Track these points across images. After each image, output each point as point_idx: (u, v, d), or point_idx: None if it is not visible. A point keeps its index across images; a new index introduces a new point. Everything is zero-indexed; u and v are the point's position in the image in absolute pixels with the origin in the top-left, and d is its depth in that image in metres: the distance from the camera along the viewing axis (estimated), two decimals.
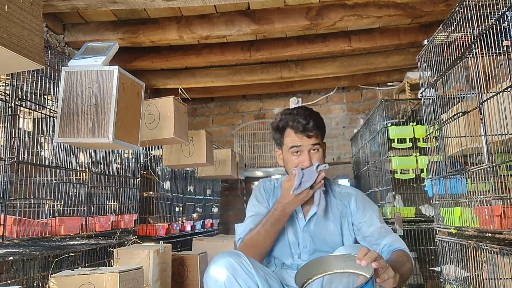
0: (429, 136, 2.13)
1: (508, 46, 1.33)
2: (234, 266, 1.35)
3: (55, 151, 2.10)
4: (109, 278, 1.76)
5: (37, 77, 1.91)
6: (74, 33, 3.31)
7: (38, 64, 1.21)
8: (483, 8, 1.49)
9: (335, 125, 5.05)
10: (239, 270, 1.34)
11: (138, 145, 1.85)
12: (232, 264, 1.35)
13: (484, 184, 1.55)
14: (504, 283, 1.55)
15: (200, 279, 2.66)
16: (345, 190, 1.71)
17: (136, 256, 2.27)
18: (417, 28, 3.55)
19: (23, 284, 1.82)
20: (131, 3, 2.54)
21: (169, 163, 2.99)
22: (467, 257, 1.71)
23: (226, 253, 1.40)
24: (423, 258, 2.80)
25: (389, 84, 4.61)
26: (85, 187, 2.29)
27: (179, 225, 3.48)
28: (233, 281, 1.32)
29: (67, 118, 1.66)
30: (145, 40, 3.32)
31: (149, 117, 2.37)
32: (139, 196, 2.88)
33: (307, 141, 1.55)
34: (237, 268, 1.34)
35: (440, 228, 2.00)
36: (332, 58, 4.14)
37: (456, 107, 1.80)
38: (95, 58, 1.71)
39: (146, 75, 4.28)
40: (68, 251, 2.02)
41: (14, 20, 1.13)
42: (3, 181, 1.67)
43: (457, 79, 1.76)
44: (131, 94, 1.80)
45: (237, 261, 1.36)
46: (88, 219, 2.26)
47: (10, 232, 1.72)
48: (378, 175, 3.29)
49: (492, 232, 1.48)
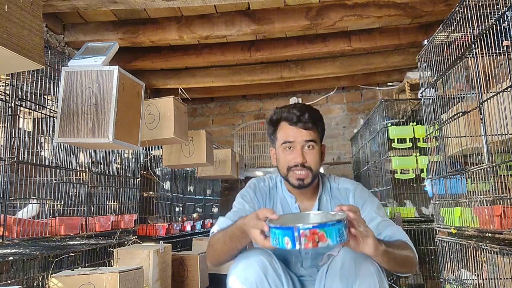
0: (429, 136, 2.13)
1: (508, 46, 1.33)
2: (265, 265, 1.29)
3: (55, 151, 2.10)
4: (109, 278, 1.76)
5: (37, 77, 1.91)
6: (74, 33, 3.31)
7: (38, 64, 1.21)
8: (483, 8, 1.49)
9: (335, 125, 5.05)
10: (270, 270, 1.30)
11: (138, 145, 1.85)
12: (264, 263, 1.29)
13: (484, 184, 1.55)
14: (504, 283, 1.55)
15: (200, 279, 2.66)
16: (343, 185, 1.59)
17: (136, 256, 2.27)
18: (417, 28, 3.55)
19: (23, 284, 1.82)
20: (131, 3, 2.55)
21: (169, 163, 2.99)
22: (467, 257, 1.71)
23: (258, 251, 1.34)
24: (423, 258, 2.80)
25: (389, 84, 4.61)
26: (85, 187, 2.29)
27: (179, 225, 3.48)
28: (264, 280, 1.27)
29: (67, 118, 1.66)
30: (145, 40, 3.32)
31: (149, 117, 2.37)
32: (139, 196, 2.88)
33: (301, 135, 1.44)
34: (268, 268, 1.30)
35: (440, 228, 2.00)
36: (332, 58, 4.14)
37: (456, 107, 1.80)
38: (95, 58, 1.71)
39: (146, 75, 4.28)
40: (68, 251, 2.02)
41: (14, 20, 1.13)
42: (3, 181, 1.67)
43: (457, 79, 1.76)
44: (131, 94, 1.80)
45: (269, 260, 1.31)
46: (88, 219, 2.26)
47: (10, 232, 1.72)
48: (378, 175, 3.29)
49: (492, 232, 1.48)
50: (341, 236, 1.00)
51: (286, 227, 1.01)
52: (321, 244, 0.98)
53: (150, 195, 3.16)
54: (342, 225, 1.01)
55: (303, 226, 0.99)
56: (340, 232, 1.00)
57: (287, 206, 1.57)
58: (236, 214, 1.49)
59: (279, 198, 1.59)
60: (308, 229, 0.98)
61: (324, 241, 0.99)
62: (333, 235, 0.99)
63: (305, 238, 0.98)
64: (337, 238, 0.99)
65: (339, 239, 1.00)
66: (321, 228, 0.99)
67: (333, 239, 0.99)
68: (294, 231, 0.99)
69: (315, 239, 0.98)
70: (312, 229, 0.98)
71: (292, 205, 1.55)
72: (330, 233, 0.99)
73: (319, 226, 0.99)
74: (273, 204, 1.58)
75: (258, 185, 1.61)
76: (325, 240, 0.99)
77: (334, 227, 0.99)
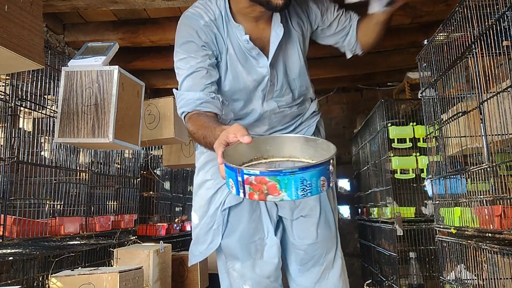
0: (429, 136, 2.13)
1: (508, 46, 1.33)
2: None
3: (55, 151, 2.10)
4: (109, 278, 1.76)
5: (37, 77, 1.91)
6: (74, 33, 3.31)
7: (38, 64, 1.21)
8: (483, 8, 1.48)
9: (335, 125, 5.05)
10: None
11: (138, 145, 1.85)
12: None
13: (484, 184, 1.55)
14: (504, 283, 1.55)
15: (200, 279, 2.67)
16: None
17: (136, 256, 2.27)
18: (417, 28, 3.55)
19: (23, 284, 1.82)
20: (131, 3, 2.54)
21: (169, 163, 2.99)
22: (467, 257, 1.71)
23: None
24: (423, 258, 2.80)
25: (389, 84, 4.61)
26: (85, 187, 2.29)
27: (179, 225, 3.48)
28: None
29: (67, 118, 1.67)
30: (145, 40, 3.32)
31: (149, 117, 2.37)
32: (139, 196, 2.88)
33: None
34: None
35: (440, 228, 2.00)
36: (332, 58, 4.14)
37: (456, 107, 1.80)
38: (95, 58, 1.71)
39: (146, 75, 4.28)
40: (68, 251, 2.02)
41: (14, 20, 1.13)
42: (3, 181, 1.67)
43: (457, 79, 1.76)
44: (131, 94, 1.80)
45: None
46: (88, 219, 2.26)
47: (10, 232, 1.72)
48: (378, 175, 3.29)
49: (492, 232, 1.48)
50: (307, 188, 0.69)
51: (230, 168, 0.74)
52: (271, 198, 0.71)
53: (150, 195, 3.16)
54: (313, 173, 0.68)
55: (248, 170, 0.70)
56: (306, 183, 0.69)
57: (236, 42, 1.33)
58: (195, 79, 1.27)
59: (226, 33, 1.33)
60: (254, 175, 0.70)
61: (276, 195, 0.70)
62: (290, 187, 0.68)
63: (249, 187, 0.71)
64: (297, 192, 0.69)
65: (302, 193, 0.69)
66: (272, 177, 0.68)
67: (290, 193, 0.69)
68: (238, 175, 0.72)
69: (262, 190, 0.70)
70: (259, 176, 0.69)
71: (242, 37, 1.32)
72: (287, 184, 0.68)
73: (271, 173, 0.68)
74: (224, 46, 1.33)
75: (197, 23, 1.30)
76: (277, 194, 0.69)
77: (294, 176, 0.68)
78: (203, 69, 1.28)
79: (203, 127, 1.18)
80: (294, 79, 1.46)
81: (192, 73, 1.27)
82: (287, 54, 1.42)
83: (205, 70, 1.28)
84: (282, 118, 1.49)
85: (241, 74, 1.36)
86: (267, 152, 0.90)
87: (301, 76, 1.49)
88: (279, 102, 1.45)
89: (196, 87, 1.26)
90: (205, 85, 1.27)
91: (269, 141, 0.94)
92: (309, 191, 0.70)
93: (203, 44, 1.29)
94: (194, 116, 1.24)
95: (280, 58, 1.40)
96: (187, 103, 1.26)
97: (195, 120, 1.22)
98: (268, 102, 1.44)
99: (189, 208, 3.90)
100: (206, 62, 1.28)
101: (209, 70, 1.29)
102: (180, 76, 1.30)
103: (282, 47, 1.38)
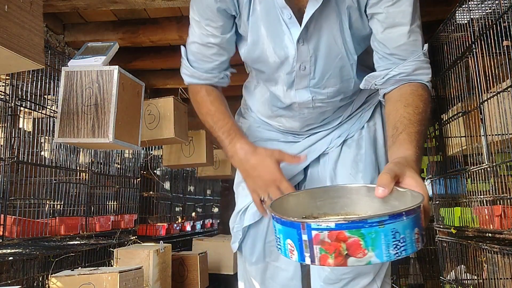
0: (429, 136, 2.13)
1: (508, 46, 1.33)
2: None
3: (55, 151, 2.10)
4: (109, 278, 1.76)
5: (37, 77, 1.91)
6: (74, 33, 3.31)
7: (38, 64, 1.21)
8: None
9: None
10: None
11: (138, 145, 1.85)
12: None
13: (484, 184, 1.55)
14: (504, 283, 1.55)
15: (200, 279, 2.67)
16: None
17: (136, 256, 2.27)
18: None
19: (23, 284, 1.82)
20: (131, 3, 2.54)
21: (169, 163, 2.99)
22: (467, 257, 1.71)
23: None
24: (423, 258, 2.80)
25: None
26: (85, 187, 2.29)
27: (179, 225, 3.48)
28: None
29: (67, 118, 1.67)
30: (145, 40, 3.32)
31: (149, 117, 2.37)
32: (139, 196, 2.88)
33: None
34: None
35: (440, 228, 2.00)
36: None
37: (456, 107, 1.80)
38: (95, 58, 1.71)
39: (146, 75, 4.27)
40: (68, 251, 2.02)
41: (14, 20, 1.13)
42: (3, 181, 1.67)
43: (457, 79, 1.76)
44: (131, 94, 1.80)
45: None
46: (88, 219, 2.26)
47: (10, 232, 1.72)
48: None
49: (492, 232, 1.48)
50: (401, 245, 0.52)
51: (289, 223, 0.55)
52: (354, 261, 0.51)
53: (150, 195, 3.16)
54: (406, 222, 0.52)
55: (318, 224, 0.52)
56: (399, 237, 0.51)
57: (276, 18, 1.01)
58: (199, 51, 1.12)
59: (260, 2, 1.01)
60: (327, 229, 0.51)
61: (360, 256, 0.51)
62: (380, 244, 0.50)
63: (320, 247, 0.52)
64: (389, 250, 0.51)
65: (395, 251, 0.51)
66: (354, 230, 0.50)
67: (380, 251, 0.51)
68: (302, 232, 0.53)
69: (340, 250, 0.51)
70: (335, 230, 0.51)
71: (284, 15, 0.99)
72: (374, 240, 0.50)
73: (352, 225, 0.50)
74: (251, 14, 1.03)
75: None
76: (362, 254, 0.51)
77: (383, 228, 0.50)
78: (214, 46, 1.11)
79: (209, 114, 1.14)
80: (343, 67, 1.06)
81: (201, 45, 1.12)
82: (331, 32, 1.02)
83: (215, 48, 1.11)
84: (319, 115, 1.17)
85: (261, 40, 1.05)
86: (317, 209, 0.71)
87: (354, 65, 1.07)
88: (316, 95, 1.10)
89: (204, 63, 1.16)
90: (214, 64, 1.15)
91: (319, 194, 0.74)
92: (403, 249, 0.52)
93: (219, 6, 1.03)
94: (198, 89, 1.21)
95: (322, 34, 1.01)
96: (192, 76, 1.20)
97: (201, 98, 1.21)
98: (299, 91, 1.11)
99: (189, 208, 3.90)
100: (217, 38, 1.09)
101: (220, 47, 1.11)
102: (191, 34, 1.14)
103: (324, 19, 0.99)
